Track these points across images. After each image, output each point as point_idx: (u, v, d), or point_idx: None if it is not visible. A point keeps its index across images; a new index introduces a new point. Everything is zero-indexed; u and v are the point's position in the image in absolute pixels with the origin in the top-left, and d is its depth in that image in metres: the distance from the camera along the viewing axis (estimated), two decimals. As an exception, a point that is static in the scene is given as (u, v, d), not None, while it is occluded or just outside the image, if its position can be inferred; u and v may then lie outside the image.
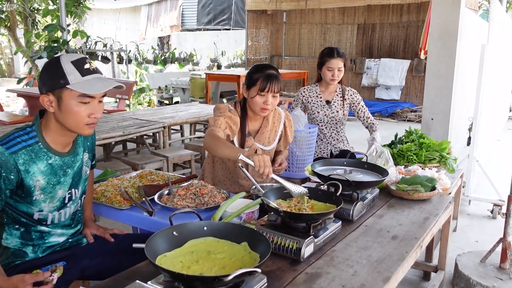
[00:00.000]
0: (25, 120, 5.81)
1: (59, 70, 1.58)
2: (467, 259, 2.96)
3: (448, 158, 2.90)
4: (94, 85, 1.62)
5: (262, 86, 2.32)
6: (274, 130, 2.60)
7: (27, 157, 1.60)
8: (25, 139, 1.62)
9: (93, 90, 1.61)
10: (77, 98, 1.60)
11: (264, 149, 2.56)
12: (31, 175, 1.61)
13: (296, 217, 1.65)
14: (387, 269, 1.56)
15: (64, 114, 1.61)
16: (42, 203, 1.68)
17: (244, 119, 2.47)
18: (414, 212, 2.14)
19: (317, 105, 3.37)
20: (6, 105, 10.24)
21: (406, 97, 10.61)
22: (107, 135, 4.18)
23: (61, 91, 1.59)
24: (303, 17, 12.47)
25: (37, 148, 1.63)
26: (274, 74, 2.35)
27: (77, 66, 1.60)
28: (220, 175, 2.64)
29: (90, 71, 1.63)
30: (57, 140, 1.69)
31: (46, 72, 1.62)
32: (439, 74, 4.15)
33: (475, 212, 4.33)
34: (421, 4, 10.21)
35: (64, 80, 1.58)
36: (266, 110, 2.38)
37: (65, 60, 1.60)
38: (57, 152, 1.69)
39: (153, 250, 1.32)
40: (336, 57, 3.20)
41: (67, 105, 1.60)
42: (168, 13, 16.32)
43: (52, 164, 1.67)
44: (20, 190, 1.61)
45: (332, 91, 3.40)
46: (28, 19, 10.34)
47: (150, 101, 11.12)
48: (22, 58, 11.75)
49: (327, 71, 3.24)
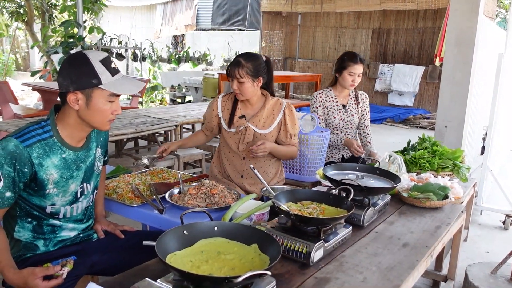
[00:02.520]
0: (39, 114, 5.88)
1: (91, 69, 1.60)
2: (477, 270, 2.92)
3: (461, 166, 2.87)
4: (125, 85, 1.66)
5: (227, 72, 2.56)
6: (272, 117, 2.64)
7: (41, 151, 1.61)
8: (40, 133, 1.63)
9: (126, 91, 1.66)
10: (106, 97, 1.64)
11: (258, 131, 2.61)
12: (45, 169, 1.62)
13: (307, 220, 1.64)
14: (397, 277, 1.55)
15: (91, 112, 1.64)
16: (55, 196, 1.69)
17: (235, 104, 2.66)
18: (425, 220, 2.12)
19: (334, 109, 3.34)
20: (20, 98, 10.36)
21: (419, 103, 10.53)
22: (119, 132, 4.21)
23: (92, 90, 1.61)
24: (318, 20, 12.44)
25: (51, 142, 1.65)
26: (237, 60, 2.51)
27: (106, 65, 1.62)
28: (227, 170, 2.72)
29: (116, 70, 1.66)
30: (73, 135, 1.70)
31: (75, 70, 1.61)
32: (454, 81, 4.11)
33: (487, 222, 4.28)
34: (437, 10, 10.13)
35: (97, 80, 1.60)
36: (236, 94, 2.57)
37: (94, 59, 1.61)
38: (71, 147, 1.71)
39: (163, 249, 1.32)
40: (358, 63, 3.19)
41: (96, 103, 1.63)
42: (183, 12, 16.39)
43: (65, 158, 1.68)
44: (33, 183, 1.63)
45: (347, 95, 3.39)
46: (46, 14, 10.46)
47: (162, 99, 11.18)
48: (38, 53, 11.91)
49: (348, 76, 3.21)
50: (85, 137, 1.77)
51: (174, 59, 12.64)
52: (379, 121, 10.23)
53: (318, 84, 8.01)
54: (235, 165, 2.70)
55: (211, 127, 2.76)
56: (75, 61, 1.62)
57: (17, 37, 16.15)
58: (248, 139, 2.62)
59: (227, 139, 2.68)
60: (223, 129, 2.70)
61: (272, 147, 2.57)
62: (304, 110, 9.33)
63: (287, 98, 8.74)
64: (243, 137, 2.62)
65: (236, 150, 2.66)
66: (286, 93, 8.96)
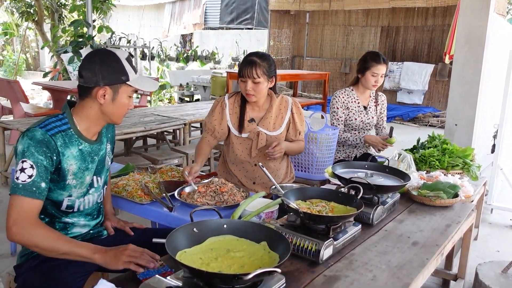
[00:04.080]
0: (49, 113, 5.91)
1: (120, 66, 1.70)
2: (488, 269, 2.90)
3: (471, 165, 2.84)
4: (145, 82, 1.79)
5: (240, 72, 2.40)
6: (281, 117, 2.57)
7: (62, 141, 1.66)
8: (59, 124, 1.68)
9: (147, 88, 1.77)
10: (129, 93, 1.75)
11: (270, 134, 2.53)
12: (66, 159, 1.67)
13: (316, 218, 1.64)
14: (407, 275, 1.54)
15: (116, 106, 1.72)
16: (73, 188, 1.73)
17: (244, 107, 2.52)
18: (435, 219, 2.10)
19: (355, 110, 3.25)
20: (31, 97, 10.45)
21: (428, 101, 10.45)
22: (129, 130, 4.23)
23: (120, 86, 1.71)
24: (326, 18, 12.39)
25: (70, 133, 1.70)
26: (253, 60, 2.37)
27: (130, 63, 1.73)
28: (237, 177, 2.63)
29: (136, 69, 1.77)
30: (90, 128, 1.76)
31: (107, 66, 1.68)
32: (464, 79, 4.08)
33: (497, 221, 4.24)
34: (447, 8, 10.04)
35: (125, 76, 1.70)
36: (249, 95, 2.42)
37: (122, 57, 1.71)
38: (87, 139, 1.76)
39: (173, 246, 1.33)
40: (382, 63, 3.12)
41: (121, 98, 1.73)
42: (192, 11, 16.43)
43: (82, 150, 1.73)
44: (55, 174, 1.66)
45: (368, 96, 3.32)
46: (55, 14, 10.54)
47: (171, 98, 11.21)
48: (48, 53, 11.99)
49: (371, 77, 3.13)
50: (98, 131, 1.82)
51: (182, 58, 12.66)
52: (388, 120, 10.16)
53: (327, 83, 7.98)
54: (246, 171, 2.59)
55: (219, 134, 2.57)
56: (105, 58, 1.70)
57: (27, 37, 16.28)
58: (261, 144, 2.51)
59: (237, 145, 2.56)
60: (233, 135, 2.55)
61: (286, 146, 2.51)
62: (312, 109, 9.32)
63: (295, 96, 8.72)
64: (256, 142, 2.51)
65: (247, 156, 2.56)
66: (294, 91, 8.95)
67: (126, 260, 1.49)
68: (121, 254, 1.51)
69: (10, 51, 16.89)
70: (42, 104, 9.54)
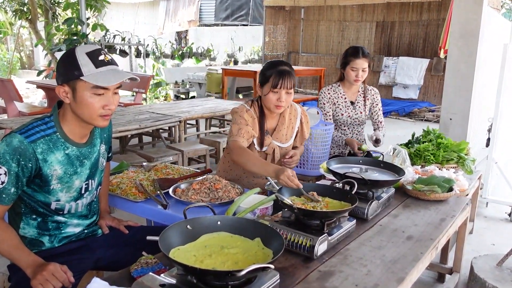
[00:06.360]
0: (43, 112, 5.90)
1: (74, 61, 1.59)
2: (483, 262, 2.91)
3: (466, 159, 2.85)
4: (108, 76, 1.61)
5: (274, 82, 2.28)
6: (291, 127, 2.55)
7: (45, 147, 1.62)
8: (44, 128, 1.64)
9: (106, 82, 1.61)
10: (91, 90, 1.61)
11: (281, 146, 2.51)
12: (49, 164, 1.63)
13: (310, 214, 1.64)
14: (402, 269, 1.54)
15: (79, 105, 1.63)
16: (59, 192, 1.70)
17: (263, 118, 2.42)
18: (430, 213, 2.11)
19: (342, 106, 3.26)
20: (25, 96, 10.41)
21: (424, 96, 10.46)
22: (123, 128, 4.22)
23: (76, 82, 1.60)
24: (321, 13, 12.37)
25: (55, 138, 1.66)
26: (287, 70, 2.30)
27: (92, 57, 1.61)
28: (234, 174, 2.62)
29: (105, 62, 1.63)
30: (74, 131, 1.71)
31: (62, 63, 1.64)
32: (459, 73, 4.08)
33: (492, 214, 4.26)
34: (441, 2, 10.05)
35: (78, 71, 1.58)
36: (280, 107, 2.33)
37: (80, 52, 1.61)
38: (75, 143, 1.71)
39: (167, 243, 1.32)
40: (361, 57, 3.09)
41: (81, 96, 1.61)
42: (186, 8, 16.38)
43: (69, 154, 1.69)
44: (38, 179, 1.64)
45: (355, 91, 3.31)
46: (49, 12, 10.48)
47: (166, 95, 11.18)
48: (42, 51, 11.93)
49: (351, 71, 3.12)
50: (88, 133, 1.77)
51: (177, 55, 12.63)
52: (384, 115, 10.07)
53: (322, 78, 7.98)
54: (255, 184, 2.48)
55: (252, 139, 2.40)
56: (64, 55, 1.65)
57: (21, 36, 16.20)
58: (277, 159, 2.47)
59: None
60: (253, 149, 2.44)
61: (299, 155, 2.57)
62: (307, 104, 9.31)
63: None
64: (271, 157, 2.46)
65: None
66: (290, 87, 8.92)
67: (35, 283, 1.49)
68: (36, 274, 1.50)
69: (4, 50, 16.79)
70: (37, 103, 9.50)
